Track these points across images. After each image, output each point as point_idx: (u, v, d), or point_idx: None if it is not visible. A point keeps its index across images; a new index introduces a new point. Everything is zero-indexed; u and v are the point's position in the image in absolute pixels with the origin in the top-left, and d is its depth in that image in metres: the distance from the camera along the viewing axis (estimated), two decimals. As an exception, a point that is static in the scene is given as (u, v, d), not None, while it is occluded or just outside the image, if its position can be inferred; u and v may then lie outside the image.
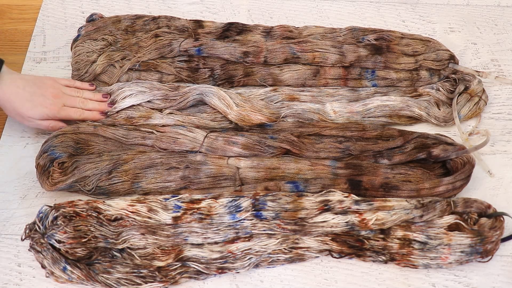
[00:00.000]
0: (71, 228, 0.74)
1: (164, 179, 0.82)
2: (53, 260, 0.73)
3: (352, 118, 0.91)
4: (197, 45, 0.94)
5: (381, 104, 0.91)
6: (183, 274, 0.75)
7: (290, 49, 0.95)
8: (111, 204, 0.77)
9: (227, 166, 0.84)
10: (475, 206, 0.78)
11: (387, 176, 0.82)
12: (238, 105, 0.88)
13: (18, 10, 1.08)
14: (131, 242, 0.75)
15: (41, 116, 0.84)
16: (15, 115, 0.84)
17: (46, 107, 0.85)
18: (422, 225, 0.76)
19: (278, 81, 0.95)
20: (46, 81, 0.87)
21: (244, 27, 1.01)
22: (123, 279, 0.73)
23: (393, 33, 1.00)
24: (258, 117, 0.88)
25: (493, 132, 0.92)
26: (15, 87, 0.82)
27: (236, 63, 0.95)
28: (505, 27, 1.08)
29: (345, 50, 0.95)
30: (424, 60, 0.96)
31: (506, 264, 0.79)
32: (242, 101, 0.89)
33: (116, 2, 1.09)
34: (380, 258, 0.77)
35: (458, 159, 0.83)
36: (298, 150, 0.86)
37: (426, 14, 1.09)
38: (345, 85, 0.96)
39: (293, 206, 0.76)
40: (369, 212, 0.76)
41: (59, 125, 0.87)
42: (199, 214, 0.76)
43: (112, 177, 0.82)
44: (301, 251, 0.77)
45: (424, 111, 0.91)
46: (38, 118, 0.85)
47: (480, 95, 0.93)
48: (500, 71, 1.01)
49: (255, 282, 0.77)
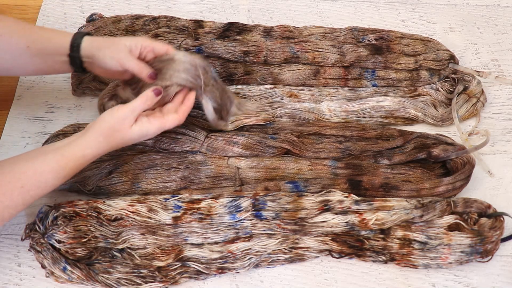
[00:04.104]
0: (71, 228, 0.74)
1: (164, 179, 0.82)
2: (53, 260, 0.73)
3: (348, 117, 0.91)
4: (197, 45, 0.94)
5: (376, 105, 0.91)
6: (183, 274, 0.75)
7: (290, 49, 0.95)
8: (111, 204, 0.77)
9: (227, 166, 0.84)
10: (475, 206, 0.78)
11: (387, 176, 0.82)
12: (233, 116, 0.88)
13: (18, 10, 1.08)
14: (131, 242, 0.75)
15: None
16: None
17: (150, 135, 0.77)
18: (422, 225, 0.77)
19: (278, 81, 0.95)
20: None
21: (244, 27, 1.01)
22: (123, 279, 0.73)
23: (393, 33, 1.00)
24: (254, 119, 0.88)
25: (493, 132, 0.92)
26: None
27: (236, 62, 0.95)
28: (505, 27, 1.08)
29: (345, 50, 0.95)
30: (424, 60, 0.96)
31: (506, 264, 0.79)
32: (236, 110, 0.89)
33: (116, 2, 1.09)
34: (380, 258, 0.77)
35: (458, 159, 0.83)
36: (298, 150, 0.86)
37: (426, 14, 1.09)
38: (345, 85, 0.96)
39: (293, 206, 0.76)
40: (369, 212, 0.76)
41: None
42: (199, 214, 0.76)
43: (112, 177, 0.82)
44: (301, 251, 0.77)
45: (420, 112, 0.91)
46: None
47: (478, 96, 0.93)
48: (500, 71, 1.01)
49: (255, 282, 0.77)
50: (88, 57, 0.79)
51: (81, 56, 0.79)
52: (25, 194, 0.68)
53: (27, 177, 0.68)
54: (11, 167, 0.68)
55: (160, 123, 0.76)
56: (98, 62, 0.79)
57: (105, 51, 0.78)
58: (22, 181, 0.68)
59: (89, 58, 0.79)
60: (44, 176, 0.69)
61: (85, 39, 0.79)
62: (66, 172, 0.71)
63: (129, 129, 0.74)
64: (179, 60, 0.79)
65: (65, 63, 0.80)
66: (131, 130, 0.74)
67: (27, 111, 0.93)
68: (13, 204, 0.68)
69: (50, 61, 0.80)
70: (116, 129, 0.73)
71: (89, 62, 0.80)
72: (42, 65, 0.80)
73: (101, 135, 0.72)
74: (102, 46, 0.79)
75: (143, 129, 0.75)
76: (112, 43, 0.79)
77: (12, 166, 0.69)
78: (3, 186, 0.67)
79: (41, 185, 0.69)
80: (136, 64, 0.78)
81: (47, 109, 0.94)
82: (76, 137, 0.73)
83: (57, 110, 0.94)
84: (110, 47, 0.78)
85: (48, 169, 0.69)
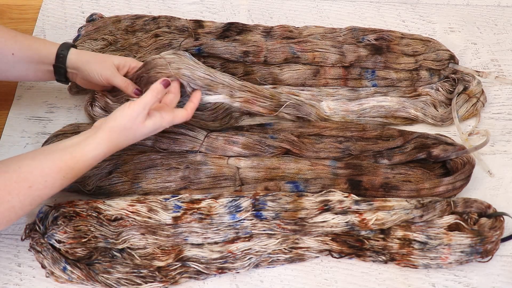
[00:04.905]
0: (71, 228, 0.74)
1: (164, 179, 0.82)
2: (53, 260, 0.73)
3: (348, 117, 0.91)
4: (197, 45, 0.94)
5: (376, 104, 0.91)
6: (183, 274, 0.75)
7: (290, 49, 0.95)
8: (111, 204, 0.77)
9: (227, 166, 0.84)
10: (475, 206, 0.78)
11: (387, 176, 0.82)
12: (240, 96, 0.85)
13: (18, 10, 1.08)
14: (131, 242, 0.75)
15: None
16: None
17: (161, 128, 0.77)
18: (422, 225, 0.76)
19: (278, 81, 0.95)
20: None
21: (244, 27, 1.01)
22: (123, 279, 0.73)
23: (393, 33, 1.00)
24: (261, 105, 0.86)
25: (493, 132, 0.92)
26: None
27: (236, 62, 0.95)
28: (505, 27, 1.08)
29: (345, 50, 0.95)
30: (424, 60, 0.96)
31: (506, 264, 0.79)
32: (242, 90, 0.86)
33: (116, 2, 1.09)
34: (380, 258, 0.77)
35: (458, 159, 0.83)
36: (298, 150, 0.86)
37: (426, 14, 1.09)
38: (345, 85, 0.96)
39: (293, 206, 0.76)
40: (369, 212, 0.76)
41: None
42: (199, 214, 0.76)
43: (112, 177, 0.82)
44: (301, 251, 0.77)
45: (420, 112, 0.91)
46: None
47: (478, 96, 0.93)
48: (500, 71, 1.01)
49: (255, 282, 0.77)
50: (74, 68, 0.82)
51: (66, 67, 0.81)
52: (33, 194, 0.66)
53: (35, 177, 0.66)
54: (18, 166, 0.66)
55: (171, 117, 0.75)
56: (83, 75, 0.82)
57: (92, 66, 0.80)
58: (29, 181, 0.66)
59: (75, 70, 0.82)
60: (52, 176, 0.67)
61: (72, 51, 0.81)
62: (75, 172, 0.69)
63: (142, 125, 0.73)
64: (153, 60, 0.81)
65: (49, 72, 0.82)
66: (144, 126, 0.73)
67: (27, 111, 0.93)
68: (21, 204, 0.66)
69: (33, 69, 0.81)
70: (128, 127, 0.72)
71: (73, 73, 0.83)
72: (25, 72, 0.82)
73: (113, 134, 0.71)
74: (89, 61, 0.81)
75: (156, 123, 0.74)
76: (101, 59, 0.81)
77: (18, 165, 0.66)
78: (9, 186, 0.65)
79: (49, 185, 0.67)
80: (123, 82, 0.81)
81: (47, 109, 0.94)
82: (85, 136, 0.71)
83: (57, 110, 0.94)
84: (99, 63, 0.80)
85: (56, 169, 0.68)
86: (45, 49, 0.81)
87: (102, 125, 0.72)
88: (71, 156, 0.69)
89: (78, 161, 0.69)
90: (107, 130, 0.71)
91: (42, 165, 0.67)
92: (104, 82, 0.81)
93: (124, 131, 0.72)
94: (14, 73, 0.82)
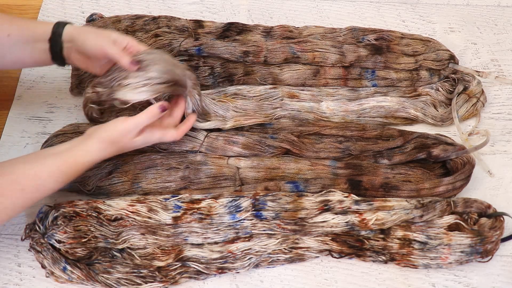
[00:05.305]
0: (71, 228, 0.74)
1: (164, 179, 0.82)
2: (53, 260, 0.73)
3: (347, 117, 0.91)
4: (197, 45, 0.94)
5: (376, 104, 0.91)
6: (183, 274, 0.75)
7: (290, 49, 0.95)
8: (111, 204, 0.77)
9: (227, 166, 0.84)
10: (475, 206, 0.78)
11: (387, 176, 0.82)
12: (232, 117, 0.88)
13: (18, 10, 1.08)
14: (131, 242, 0.75)
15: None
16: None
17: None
18: (422, 225, 0.77)
19: (278, 81, 0.95)
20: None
21: (244, 27, 1.01)
22: (123, 279, 0.73)
23: (393, 33, 1.00)
24: (253, 120, 0.88)
25: (493, 132, 0.92)
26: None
27: (236, 62, 0.95)
28: (505, 27, 1.08)
29: (345, 50, 0.95)
30: (424, 60, 0.96)
31: (506, 264, 0.79)
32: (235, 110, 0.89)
33: (116, 2, 1.09)
34: (380, 258, 0.77)
35: (458, 159, 0.83)
36: (298, 150, 0.86)
37: (426, 14, 1.09)
38: (345, 85, 0.95)
39: (293, 206, 0.76)
40: (369, 212, 0.76)
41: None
42: (199, 214, 0.76)
43: (112, 177, 0.82)
44: (301, 251, 0.77)
45: (420, 112, 0.91)
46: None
47: (478, 96, 0.93)
48: (500, 71, 1.01)
49: (255, 282, 0.77)
50: (69, 41, 0.79)
51: (62, 41, 0.79)
52: (25, 197, 0.69)
53: (27, 180, 0.69)
54: (12, 169, 0.69)
55: (161, 134, 0.78)
56: (78, 46, 0.79)
57: (88, 35, 0.79)
58: (22, 184, 0.69)
59: (70, 43, 0.79)
60: (44, 180, 0.70)
61: (68, 26, 0.80)
62: (66, 177, 0.72)
63: (132, 141, 0.76)
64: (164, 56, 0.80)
65: (45, 51, 0.80)
66: (133, 141, 0.76)
67: (27, 111, 0.93)
68: (13, 206, 0.69)
69: (29, 49, 0.80)
70: (117, 141, 0.75)
71: (68, 48, 0.80)
72: (20, 55, 0.80)
73: (101, 144, 0.74)
74: (86, 31, 0.80)
75: (146, 139, 0.77)
76: (98, 31, 0.80)
77: (12, 168, 0.69)
78: (3, 188, 0.68)
79: (40, 189, 0.70)
80: (118, 52, 0.78)
81: (47, 109, 0.94)
82: (77, 142, 0.74)
83: (57, 110, 0.94)
84: (95, 33, 0.79)
85: (48, 174, 0.70)
86: (41, 27, 0.80)
87: (93, 133, 0.74)
88: (63, 161, 0.72)
89: (69, 166, 0.72)
90: (97, 140, 0.74)
91: (35, 169, 0.70)
92: (98, 52, 0.78)
93: (113, 143, 0.75)
94: (10, 58, 0.80)
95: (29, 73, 0.98)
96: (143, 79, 0.76)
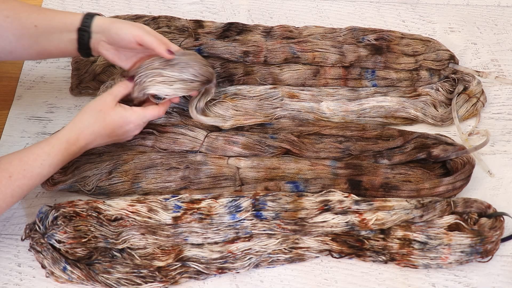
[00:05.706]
0: (71, 228, 0.74)
1: (164, 179, 0.82)
2: (53, 260, 0.73)
3: (348, 117, 0.91)
4: (197, 45, 0.94)
5: (376, 104, 0.91)
6: (183, 274, 0.75)
7: (290, 49, 0.95)
8: (111, 204, 0.77)
9: (227, 166, 0.84)
10: (475, 206, 0.78)
11: (387, 176, 0.82)
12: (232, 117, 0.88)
13: (18, 10, 1.08)
14: (131, 242, 0.75)
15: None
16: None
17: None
18: (422, 225, 0.77)
19: (278, 81, 0.95)
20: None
21: (244, 27, 1.01)
22: (123, 279, 0.73)
23: (393, 33, 1.00)
24: (253, 120, 0.88)
25: (493, 132, 0.92)
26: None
27: (236, 62, 0.95)
28: (505, 27, 1.08)
29: (345, 50, 0.95)
30: (424, 60, 0.96)
31: (506, 264, 0.79)
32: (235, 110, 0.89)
33: (116, 2, 1.09)
34: (380, 258, 0.77)
35: (458, 159, 0.83)
36: (298, 150, 0.86)
37: (426, 14, 1.09)
38: (345, 85, 0.95)
39: (293, 206, 0.76)
40: (369, 212, 0.76)
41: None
42: (199, 214, 0.76)
43: (112, 177, 0.82)
44: (301, 251, 0.77)
45: (420, 112, 0.91)
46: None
47: (478, 96, 0.93)
48: (500, 71, 1.01)
49: (255, 282, 0.77)
50: (99, 31, 0.79)
51: (91, 32, 0.79)
52: (13, 184, 0.69)
53: (13, 166, 0.70)
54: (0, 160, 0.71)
55: (141, 110, 0.80)
56: (110, 36, 0.79)
57: (121, 24, 0.79)
58: (9, 171, 0.69)
59: (100, 33, 0.79)
60: (29, 164, 0.71)
61: (97, 16, 0.80)
62: (52, 158, 0.73)
63: (112, 109, 0.77)
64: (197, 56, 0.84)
65: (72, 42, 0.79)
66: (113, 111, 0.77)
67: (27, 111, 0.93)
68: (2, 195, 0.69)
69: (56, 40, 0.79)
70: (98, 109, 0.76)
71: (97, 40, 0.79)
72: (46, 45, 0.80)
73: (84, 115, 0.76)
74: (119, 21, 0.80)
75: (126, 113, 0.78)
76: (130, 21, 0.81)
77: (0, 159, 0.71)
78: None
79: (27, 174, 0.71)
80: (154, 39, 0.78)
81: (47, 109, 0.94)
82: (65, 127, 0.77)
83: (57, 110, 0.94)
84: (128, 23, 0.80)
85: (33, 157, 0.71)
86: (69, 17, 0.80)
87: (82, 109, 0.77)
88: (47, 143, 0.73)
89: (53, 146, 0.73)
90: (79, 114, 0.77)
91: (21, 155, 0.72)
92: (133, 40, 0.78)
93: (96, 113, 0.76)
94: (36, 48, 0.80)
95: (29, 73, 0.98)
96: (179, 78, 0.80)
